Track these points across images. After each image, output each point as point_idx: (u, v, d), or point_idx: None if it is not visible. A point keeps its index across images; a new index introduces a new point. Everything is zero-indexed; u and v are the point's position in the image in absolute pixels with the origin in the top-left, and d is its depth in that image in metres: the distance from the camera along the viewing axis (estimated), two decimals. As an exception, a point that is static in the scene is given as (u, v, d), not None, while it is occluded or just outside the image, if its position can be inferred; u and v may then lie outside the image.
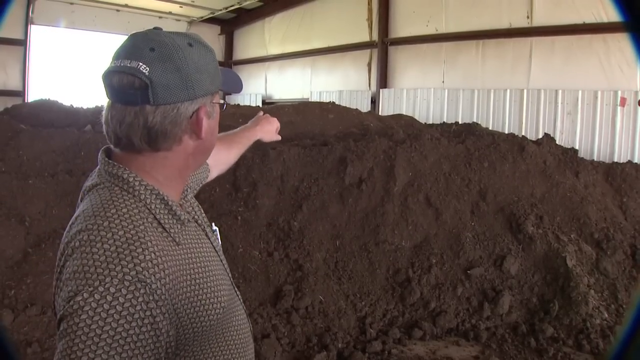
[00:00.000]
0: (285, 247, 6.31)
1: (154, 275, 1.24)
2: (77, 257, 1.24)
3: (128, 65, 1.31)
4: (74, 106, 9.59)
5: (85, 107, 9.68)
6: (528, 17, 10.95)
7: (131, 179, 1.38)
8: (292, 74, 18.29)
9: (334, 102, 10.89)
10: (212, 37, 21.22)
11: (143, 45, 1.33)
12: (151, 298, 1.21)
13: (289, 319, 5.51)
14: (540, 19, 10.73)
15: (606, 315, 5.89)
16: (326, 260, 6.31)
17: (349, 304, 5.93)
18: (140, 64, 1.31)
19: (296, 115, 9.04)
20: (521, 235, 6.59)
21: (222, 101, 1.55)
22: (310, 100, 16.23)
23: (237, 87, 1.64)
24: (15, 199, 5.93)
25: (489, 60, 11.88)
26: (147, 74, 1.30)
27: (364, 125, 8.92)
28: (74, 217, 1.38)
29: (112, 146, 1.43)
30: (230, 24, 21.34)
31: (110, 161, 1.41)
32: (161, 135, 1.36)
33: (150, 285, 1.22)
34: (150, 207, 1.37)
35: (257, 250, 6.19)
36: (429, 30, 13.17)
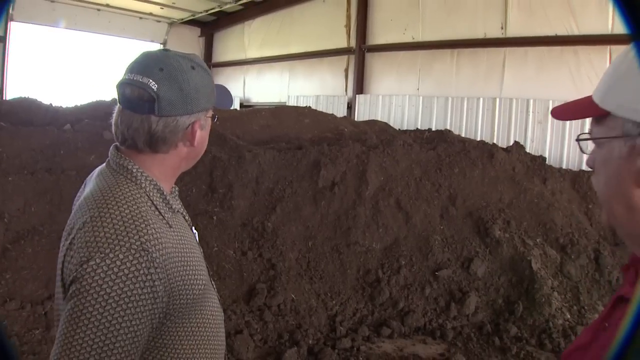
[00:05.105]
0: (259, 246, 6.44)
1: (154, 247, 1.46)
2: (88, 230, 1.46)
3: (140, 80, 1.55)
4: (54, 105, 9.59)
5: (64, 106, 9.69)
6: (502, 28, 11.16)
7: (134, 170, 1.61)
8: (270, 77, 18.36)
9: (310, 107, 11.04)
10: (192, 39, 21.27)
11: (153, 65, 1.57)
12: (152, 265, 1.44)
13: (261, 315, 5.65)
14: (514, 30, 10.95)
15: (568, 316, 6.11)
16: (299, 260, 6.45)
17: (320, 302, 6.07)
18: (150, 80, 1.54)
19: (273, 119, 9.18)
20: (488, 239, 6.80)
21: (214, 115, 1.80)
22: (287, 104, 16.36)
23: (228, 103, 1.91)
24: (-6, 196, 5.99)
25: (463, 69, 12.08)
26: (155, 90, 1.54)
27: (338, 130, 9.09)
28: (82, 198, 1.62)
29: (118, 144, 1.68)
30: (210, 26, 21.39)
31: (119, 154, 1.65)
32: (161, 141, 1.61)
33: (152, 254, 1.44)
34: (149, 194, 1.60)
35: (232, 249, 6.32)
36: (406, 38, 13.35)
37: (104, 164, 1.71)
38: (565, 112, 1.26)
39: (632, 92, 0.99)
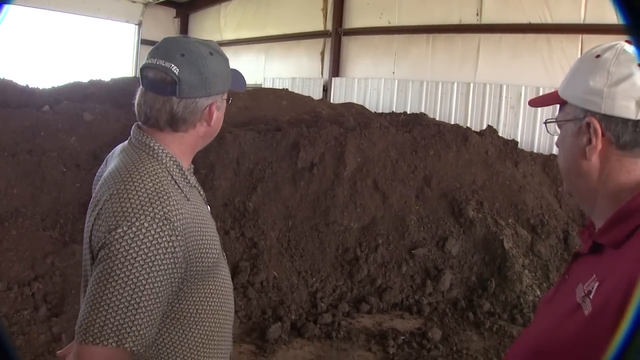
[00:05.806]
0: (241, 226, 6.58)
1: (176, 217, 1.60)
2: (115, 201, 1.59)
3: (162, 64, 1.69)
4: (29, 86, 9.51)
5: (40, 87, 9.63)
6: (477, 15, 11.29)
7: (156, 147, 1.75)
8: (246, 59, 18.13)
9: (287, 89, 11.08)
10: (167, 20, 20.96)
11: (175, 50, 1.71)
12: (173, 232, 1.58)
13: (245, 293, 5.81)
14: (489, 17, 11.10)
15: (538, 293, 6.36)
16: (279, 239, 6.61)
17: (301, 279, 6.25)
18: (172, 65, 1.68)
19: (251, 100, 9.26)
20: (462, 219, 7.03)
21: (229, 97, 1.94)
22: (263, 86, 16.34)
23: (242, 86, 2.01)
24: (-25, 178, 6.00)
25: (439, 53, 12.21)
26: (177, 73, 1.67)
27: (315, 112, 9.21)
28: (107, 173, 1.76)
29: (140, 123, 1.81)
30: (186, 7, 21.13)
31: (142, 132, 1.79)
32: (181, 120, 1.75)
33: (173, 223, 1.58)
34: (169, 170, 1.74)
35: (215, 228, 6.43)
36: (382, 22, 13.42)
37: (126, 142, 1.84)
38: (538, 101, 1.54)
39: (580, 85, 1.27)
